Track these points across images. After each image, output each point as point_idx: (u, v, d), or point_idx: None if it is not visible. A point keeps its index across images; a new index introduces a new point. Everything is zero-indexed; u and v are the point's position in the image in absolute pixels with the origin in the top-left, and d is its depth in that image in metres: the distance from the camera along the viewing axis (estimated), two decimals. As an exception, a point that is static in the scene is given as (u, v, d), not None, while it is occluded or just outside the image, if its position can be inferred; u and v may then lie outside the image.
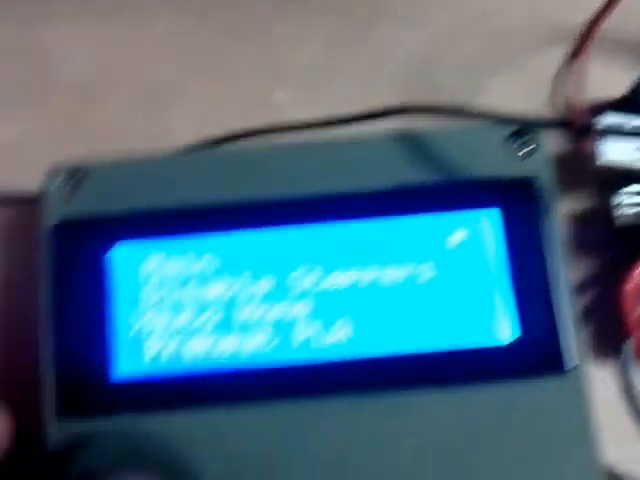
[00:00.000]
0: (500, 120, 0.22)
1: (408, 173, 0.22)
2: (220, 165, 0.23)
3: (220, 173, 0.23)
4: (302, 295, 0.22)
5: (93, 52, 0.27)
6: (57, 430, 0.21)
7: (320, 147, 0.23)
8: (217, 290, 0.22)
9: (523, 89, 0.26)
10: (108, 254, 0.22)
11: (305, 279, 0.22)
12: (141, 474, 0.19)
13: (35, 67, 0.27)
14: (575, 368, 0.21)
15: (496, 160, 0.22)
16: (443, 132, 0.23)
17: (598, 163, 0.23)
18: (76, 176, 0.23)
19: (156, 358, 0.22)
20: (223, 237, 0.22)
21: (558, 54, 0.24)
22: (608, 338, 0.23)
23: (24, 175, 0.23)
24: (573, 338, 0.21)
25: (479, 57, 0.26)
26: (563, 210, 0.23)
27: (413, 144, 0.23)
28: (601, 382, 0.22)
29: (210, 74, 0.27)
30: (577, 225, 0.24)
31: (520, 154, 0.23)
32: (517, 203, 0.22)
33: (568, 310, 0.21)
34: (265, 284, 0.22)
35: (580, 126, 0.23)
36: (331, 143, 0.23)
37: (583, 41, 0.23)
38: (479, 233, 0.22)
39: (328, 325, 0.21)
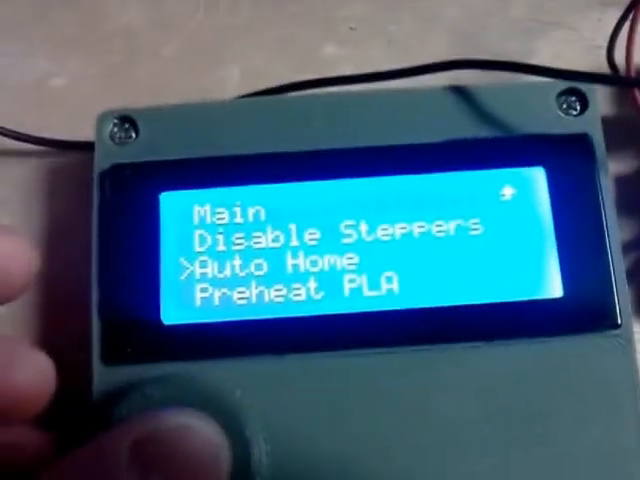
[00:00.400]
0: (554, 74, 0.22)
1: (459, 128, 0.22)
2: (270, 113, 0.23)
3: (270, 121, 0.23)
4: (351, 247, 0.22)
5: (145, 3, 0.27)
6: (103, 376, 0.21)
7: (370, 99, 0.23)
8: (265, 240, 0.22)
9: (573, 50, 0.26)
10: (157, 200, 0.22)
11: (353, 231, 0.22)
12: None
13: (88, 16, 0.27)
14: (627, 323, 0.21)
15: (548, 117, 0.22)
16: (495, 88, 0.23)
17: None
18: (126, 122, 0.23)
19: (205, 305, 0.21)
20: (273, 187, 0.22)
21: (609, 15, 0.24)
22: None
23: (76, 120, 0.23)
24: (625, 293, 0.21)
25: (529, 18, 0.26)
26: (610, 170, 0.23)
27: (464, 99, 0.23)
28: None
29: (260, 27, 0.27)
30: (622, 185, 0.24)
31: (572, 112, 0.23)
32: (569, 160, 0.22)
33: (619, 266, 0.21)
34: (313, 235, 0.22)
35: (634, 82, 0.23)
36: (381, 95, 0.23)
37: (636, 1, 0.23)
38: (530, 189, 0.22)
39: (376, 277, 0.21)
